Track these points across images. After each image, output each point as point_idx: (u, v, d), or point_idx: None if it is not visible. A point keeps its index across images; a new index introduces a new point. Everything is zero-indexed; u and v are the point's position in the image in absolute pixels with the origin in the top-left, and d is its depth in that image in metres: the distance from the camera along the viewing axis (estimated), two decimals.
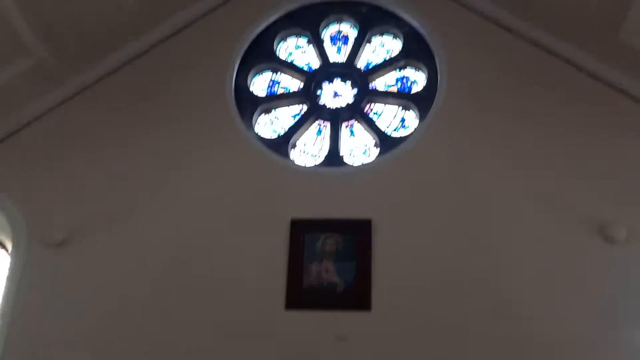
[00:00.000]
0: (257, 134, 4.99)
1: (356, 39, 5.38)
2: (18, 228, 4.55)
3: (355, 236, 4.25)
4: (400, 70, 5.22)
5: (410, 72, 5.21)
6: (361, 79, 5.21)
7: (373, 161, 4.75)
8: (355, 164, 4.80)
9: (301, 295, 4.17)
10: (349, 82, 5.23)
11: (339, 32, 5.52)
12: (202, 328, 4.12)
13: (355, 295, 4.13)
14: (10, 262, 4.55)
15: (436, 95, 4.83)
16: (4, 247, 4.83)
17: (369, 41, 5.40)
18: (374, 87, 5.20)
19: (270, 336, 4.07)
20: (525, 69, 4.76)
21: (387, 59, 5.28)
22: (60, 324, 4.21)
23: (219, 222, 4.43)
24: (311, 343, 4.03)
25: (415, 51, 5.15)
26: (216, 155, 4.70)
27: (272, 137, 5.02)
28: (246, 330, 4.09)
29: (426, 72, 5.08)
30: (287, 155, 4.88)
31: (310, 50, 5.41)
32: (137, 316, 4.18)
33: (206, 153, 4.70)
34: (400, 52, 5.24)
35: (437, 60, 4.99)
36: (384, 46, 5.38)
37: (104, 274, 4.35)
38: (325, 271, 4.25)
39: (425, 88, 5.00)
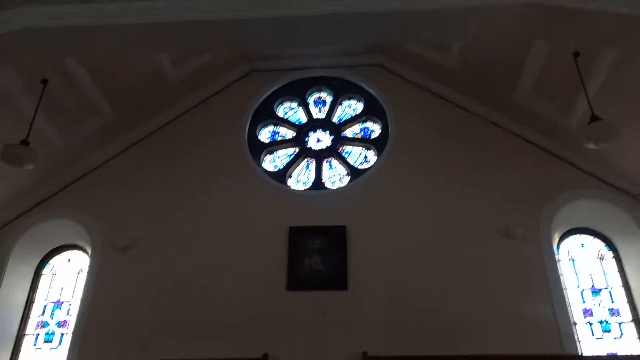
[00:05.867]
0: (263, 168, 6.01)
1: (332, 102, 6.51)
2: (94, 238, 5.71)
3: (335, 238, 5.12)
4: (363, 123, 6.34)
5: (370, 125, 6.32)
6: (336, 129, 6.30)
7: (346, 186, 5.76)
8: (333, 188, 5.79)
9: (298, 280, 5.03)
10: (327, 132, 6.30)
11: (319, 97, 6.64)
12: (221, 304, 5.01)
13: (336, 279, 4.97)
14: (90, 261, 5.79)
15: (388, 140, 5.96)
16: (85, 251, 6.02)
17: (341, 103, 6.52)
18: (345, 135, 6.27)
19: (275, 310, 4.99)
20: (447, 124, 6.01)
21: (353, 115, 6.36)
22: (121, 308, 5.21)
23: (237, 231, 5.44)
24: (305, 314, 4.91)
25: (373, 110, 6.30)
26: (235, 185, 5.77)
27: (274, 171, 6.00)
28: (258, 305, 5.03)
29: (381, 125, 6.18)
30: (285, 183, 5.87)
31: (300, 110, 6.47)
32: (171, 302, 5.14)
33: (228, 184, 5.77)
34: (363, 110, 6.35)
35: (388, 117, 6.19)
36: (352, 107, 6.48)
37: (153, 271, 5.39)
38: (314, 263, 5.04)
39: (380, 135, 6.12)
